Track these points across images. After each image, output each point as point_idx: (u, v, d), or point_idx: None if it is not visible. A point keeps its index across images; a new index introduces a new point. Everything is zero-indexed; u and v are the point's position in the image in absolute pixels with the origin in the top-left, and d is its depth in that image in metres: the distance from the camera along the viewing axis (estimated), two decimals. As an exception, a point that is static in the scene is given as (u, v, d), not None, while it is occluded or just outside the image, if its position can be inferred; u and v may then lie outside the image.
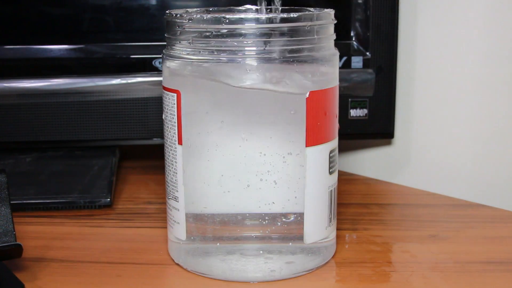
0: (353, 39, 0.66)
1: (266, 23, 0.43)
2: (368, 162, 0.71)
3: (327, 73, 0.46)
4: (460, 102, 0.63)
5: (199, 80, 0.45)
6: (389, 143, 0.69)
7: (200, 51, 0.45)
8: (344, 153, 0.72)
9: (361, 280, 0.47)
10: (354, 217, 0.58)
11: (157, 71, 0.65)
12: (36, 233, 0.55)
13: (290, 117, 0.45)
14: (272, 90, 0.44)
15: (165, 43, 0.48)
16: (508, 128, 0.62)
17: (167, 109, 0.47)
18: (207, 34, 0.44)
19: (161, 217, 0.57)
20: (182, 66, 0.46)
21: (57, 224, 0.57)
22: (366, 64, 0.65)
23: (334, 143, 0.47)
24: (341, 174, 0.69)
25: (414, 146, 0.67)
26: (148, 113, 0.66)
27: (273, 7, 0.49)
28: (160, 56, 0.48)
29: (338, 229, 0.50)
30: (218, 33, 0.44)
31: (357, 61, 0.65)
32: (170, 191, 0.48)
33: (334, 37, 0.48)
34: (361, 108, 0.66)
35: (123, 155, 0.74)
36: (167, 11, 0.47)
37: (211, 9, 0.49)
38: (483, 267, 0.49)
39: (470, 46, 0.62)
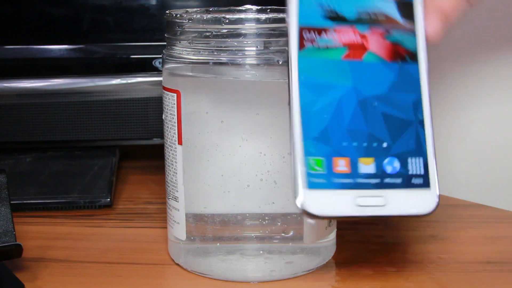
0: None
1: (266, 23, 0.43)
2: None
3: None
4: (460, 102, 0.63)
5: (199, 80, 0.45)
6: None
7: (200, 51, 0.44)
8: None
9: (361, 280, 0.47)
10: (354, 217, 0.58)
11: (157, 71, 0.65)
12: (36, 233, 0.55)
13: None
14: (272, 81, 0.44)
15: (165, 43, 0.48)
16: (508, 128, 0.62)
17: (167, 109, 0.47)
18: (207, 34, 0.44)
19: (161, 217, 0.56)
20: (182, 66, 0.46)
21: (57, 224, 0.57)
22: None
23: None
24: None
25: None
26: (148, 113, 0.66)
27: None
28: (160, 56, 0.48)
29: (338, 229, 0.50)
30: (218, 33, 0.44)
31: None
32: (170, 191, 0.48)
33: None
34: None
35: (123, 155, 0.74)
36: (167, 11, 0.47)
37: (211, 9, 0.49)
38: (483, 267, 0.49)
39: (470, 47, 0.62)
